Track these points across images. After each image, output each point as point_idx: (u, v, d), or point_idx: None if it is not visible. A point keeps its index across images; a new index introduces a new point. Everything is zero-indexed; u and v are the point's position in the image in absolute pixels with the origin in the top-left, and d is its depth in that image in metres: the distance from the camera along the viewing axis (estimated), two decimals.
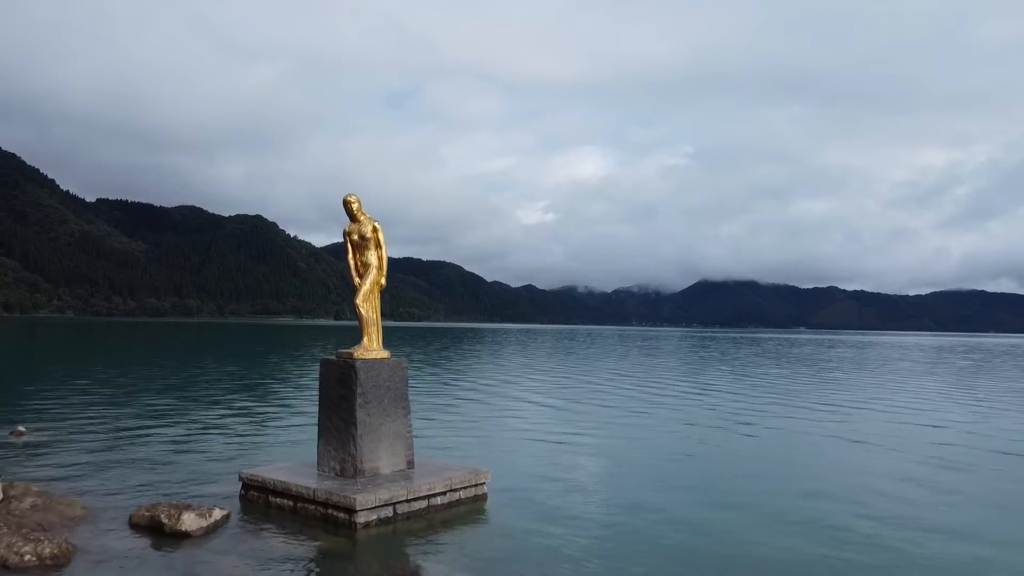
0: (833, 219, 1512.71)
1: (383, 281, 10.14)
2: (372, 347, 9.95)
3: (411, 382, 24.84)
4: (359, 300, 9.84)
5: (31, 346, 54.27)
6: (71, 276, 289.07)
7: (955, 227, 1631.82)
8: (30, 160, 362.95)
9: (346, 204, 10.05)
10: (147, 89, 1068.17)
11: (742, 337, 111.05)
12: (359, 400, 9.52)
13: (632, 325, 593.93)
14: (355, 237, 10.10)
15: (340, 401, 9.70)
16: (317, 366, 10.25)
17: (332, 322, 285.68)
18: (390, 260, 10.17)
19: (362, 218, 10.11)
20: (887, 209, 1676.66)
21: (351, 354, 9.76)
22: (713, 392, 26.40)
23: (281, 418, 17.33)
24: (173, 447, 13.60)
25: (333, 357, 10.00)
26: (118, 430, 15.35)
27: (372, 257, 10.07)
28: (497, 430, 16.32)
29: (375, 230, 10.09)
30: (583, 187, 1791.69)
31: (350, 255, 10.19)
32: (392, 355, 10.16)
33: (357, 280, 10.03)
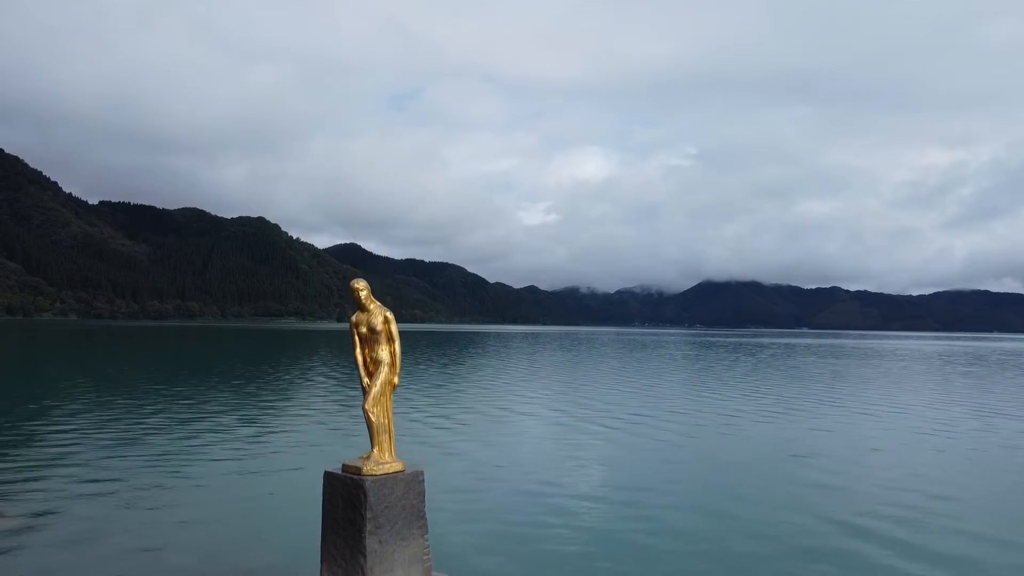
0: (836, 219, 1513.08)
1: (396, 380, 8.76)
2: (384, 459, 8.58)
3: (409, 419, 23.79)
4: (368, 405, 8.46)
5: (26, 358, 52.76)
6: (74, 279, 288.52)
7: (959, 227, 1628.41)
8: (33, 163, 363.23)
9: (354, 292, 8.68)
10: (149, 91, 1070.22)
11: (745, 343, 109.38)
12: (369, 526, 8.15)
13: (634, 326, 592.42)
14: (363, 329, 8.72)
15: (347, 525, 8.35)
16: (325, 382, 8.85)
17: (335, 325, 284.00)
18: (393, 263, 8.90)
19: (372, 307, 8.72)
20: (890, 209, 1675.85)
21: (359, 469, 8.39)
22: (732, 434, 24.91)
23: (280, 490, 15.81)
24: (159, 538, 12.17)
25: (338, 469, 8.66)
26: (97, 511, 13.85)
27: (383, 352, 8.70)
28: (511, 511, 14.70)
29: (386, 321, 8.69)
30: (586, 188, 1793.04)
31: (357, 349, 8.81)
32: (406, 465, 8.81)
33: (366, 380, 8.64)
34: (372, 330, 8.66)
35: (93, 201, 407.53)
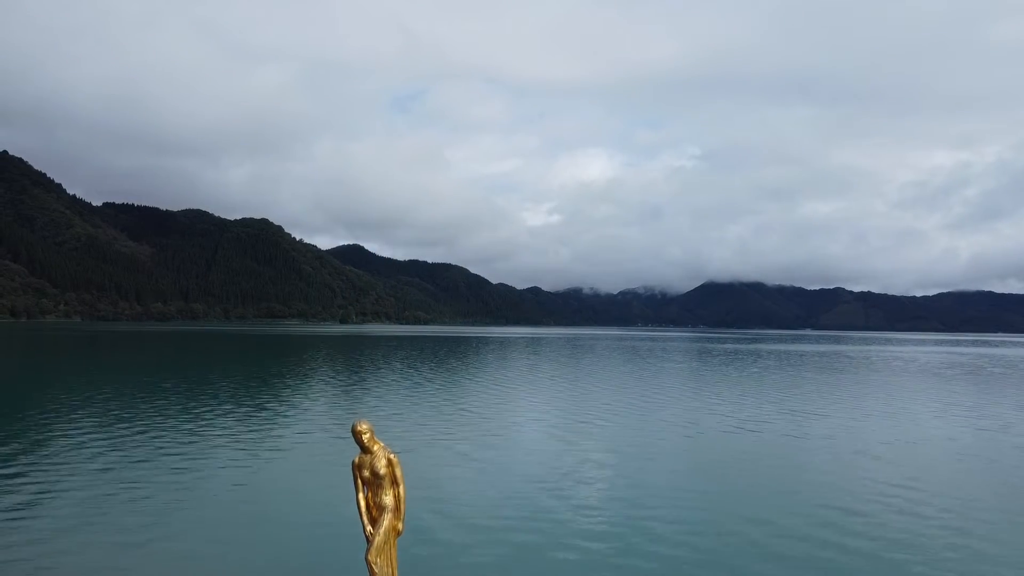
0: (840, 220, 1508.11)
1: (400, 527, 8.48)
2: None
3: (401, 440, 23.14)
4: (371, 556, 8.19)
5: (16, 374, 51.95)
6: (78, 281, 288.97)
7: (963, 228, 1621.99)
8: (37, 165, 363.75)
9: (356, 435, 8.40)
10: (153, 93, 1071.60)
11: (745, 349, 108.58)
12: None
13: (638, 327, 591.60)
14: (366, 473, 8.43)
15: None
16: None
17: (338, 327, 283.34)
18: (396, 264, 8.63)
19: (376, 449, 8.44)
20: (894, 210, 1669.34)
21: None
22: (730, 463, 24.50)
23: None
24: None
25: None
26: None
27: (387, 497, 8.41)
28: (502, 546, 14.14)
29: (390, 464, 8.41)
30: (589, 189, 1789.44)
31: (360, 494, 8.50)
32: None
33: (369, 529, 8.37)
34: (375, 474, 8.39)
35: (97, 203, 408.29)
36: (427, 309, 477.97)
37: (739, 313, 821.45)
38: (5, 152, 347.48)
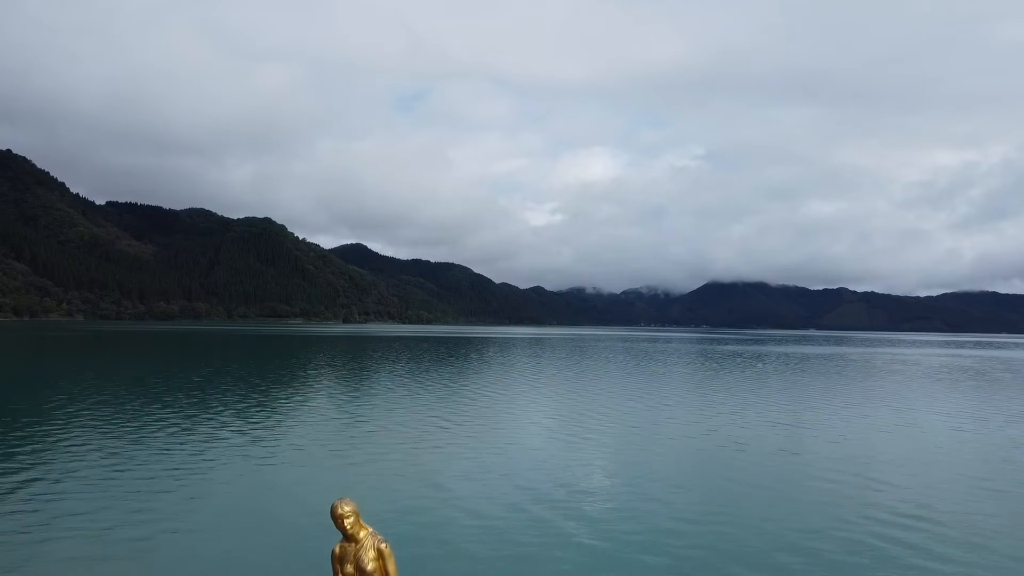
0: (844, 220, 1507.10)
1: None
2: None
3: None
4: None
5: (17, 374, 50.33)
6: (81, 280, 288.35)
7: (967, 228, 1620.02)
8: (40, 163, 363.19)
9: (336, 518, 6.95)
10: (156, 92, 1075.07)
11: (751, 351, 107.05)
12: None
13: (641, 326, 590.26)
14: (349, 568, 6.93)
15: None
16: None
17: (341, 327, 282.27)
18: (399, 263, 7.36)
19: (362, 536, 6.98)
20: (899, 210, 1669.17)
21: None
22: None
23: None
24: None
25: None
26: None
27: None
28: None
29: (380, 556, 6.93)
30: (592, 188, 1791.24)
31: None
32: None
33: None
34: (361, 570, 6.96)
35: (100, 202, 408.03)
36: (430, 309, 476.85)
37: (742, 313, 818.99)
38: (8, 151, 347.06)
